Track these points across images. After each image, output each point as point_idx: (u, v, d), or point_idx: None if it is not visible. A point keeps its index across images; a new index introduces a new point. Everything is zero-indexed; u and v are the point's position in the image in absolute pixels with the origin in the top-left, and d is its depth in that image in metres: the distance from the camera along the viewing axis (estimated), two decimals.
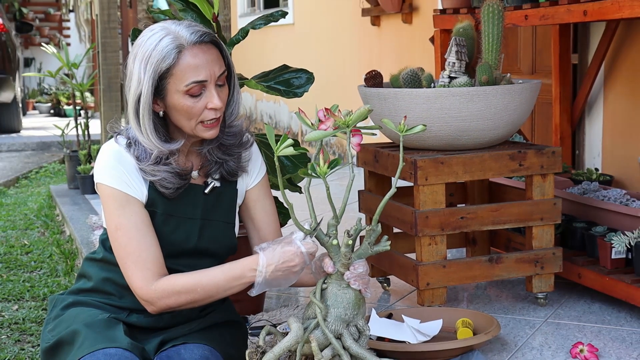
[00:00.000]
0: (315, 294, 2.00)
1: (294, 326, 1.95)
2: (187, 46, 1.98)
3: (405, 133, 1.99)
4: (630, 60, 3.76)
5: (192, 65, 1.97)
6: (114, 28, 5.68)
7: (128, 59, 2.03)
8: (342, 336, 1.99)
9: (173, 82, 1.98)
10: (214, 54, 2.02)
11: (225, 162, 2.14)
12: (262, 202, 2.24)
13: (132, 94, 2.00)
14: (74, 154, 5.91)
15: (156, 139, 2.02)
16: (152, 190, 2.06)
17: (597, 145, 4.03)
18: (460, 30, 3.01)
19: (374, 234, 2.00)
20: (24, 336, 3.27)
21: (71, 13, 15.93)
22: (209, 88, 2.01)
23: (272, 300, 3.19)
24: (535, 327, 2.80)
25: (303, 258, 2.00)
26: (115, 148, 2.05)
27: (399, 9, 5.95)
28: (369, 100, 2.94)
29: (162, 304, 2.01)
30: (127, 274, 2.02)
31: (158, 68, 1.97)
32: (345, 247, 1.97)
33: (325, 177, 1.94)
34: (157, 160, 2.03)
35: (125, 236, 2.01)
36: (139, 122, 2.01)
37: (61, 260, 4.41)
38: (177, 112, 2.02)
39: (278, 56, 8.03)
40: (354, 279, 2.00)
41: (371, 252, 2.00)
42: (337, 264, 2.00)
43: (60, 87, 13.64)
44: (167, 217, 2.09)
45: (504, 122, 2.82)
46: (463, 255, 3.54)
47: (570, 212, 3.31)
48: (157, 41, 1.98)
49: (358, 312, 2.02)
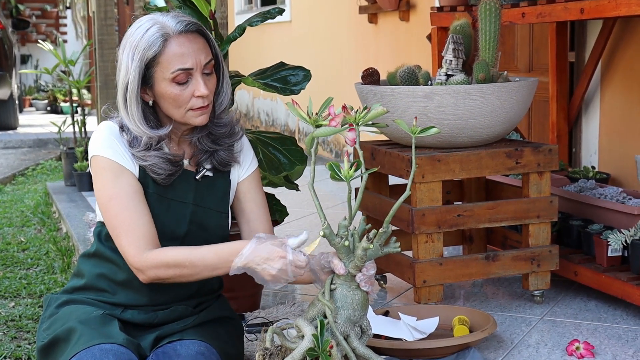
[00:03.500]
0: (324, 294, 1.98)
1: (306, 329, 1.92)
2: (172, 35, 2.02)
3: (418, 134, 1.95)
4: (627, 58, 3.76)
5: (177, 54, 2.02)
6: (110, 25, 5.67)
7: (118, 50, 2.08)
8: (350, 337, 1.98)
9: (160, 70, 2.03)
10: (200, 43, 2.06)
11: (216, 152, 2.17)
12: (253, 194, 2.25)
13: (121, 82, 2.05)
14: (70, 151, 5.90)
15: (144, 126, 2.06)
16: (142, 170, 2.09)
17: (593, 143, 4.03)
18: (457, 27, 3.01)
19: (385, 235, 1.98)
20: (20, 333, 3.26)
21: (68, 10, 15.90)
22: (195, 76, 2.04)
23: (269, 297, 3.19)
24: (532, 324, 2.80)
25: (285, 265, 1.94)
26: (111, 125, 2.10)
27: (396, 7, 5.95)
28: (366, 97, 2.94)
29: (152, 274, 2.01)
30: (120, 242, 2.03)
31: (144, 56, 2.01)
32: (362, 251, 1.93)
33: (349, 180, 1.91)
34: (147, 146, 2.06)
35: (118, 205, 2.03)
36: (127, 110, 2.06)
37: (58, 258, 4.41)
38: (165, 100, 2.06)
39: (275, 54, 8.02)
40: (365, 280, 1.99)
41: (381, 253, 1.98)
42: (348, 265, 1.97)
43: (57, 84, 13.62)
44: (159, 198, 2.11)
45: (500, 119, 2.83)
46: (460, 253, 3.55)
47: (566, 209, 3.31)
48: (144, 31, 2.03)
49: (364, 312, 2.02)
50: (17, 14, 14.25)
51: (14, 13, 14.21)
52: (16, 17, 13.89)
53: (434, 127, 1.95)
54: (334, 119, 1.89)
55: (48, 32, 15.56)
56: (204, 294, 2.22)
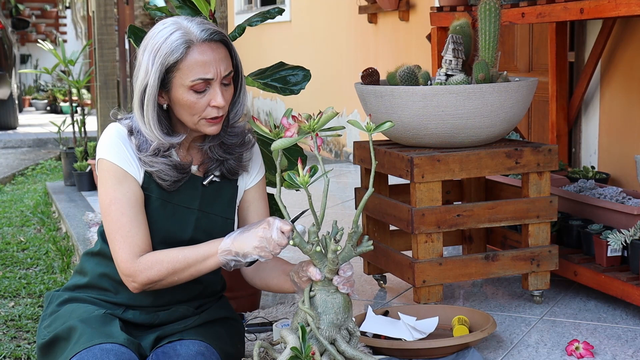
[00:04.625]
0: (304, 302, 2.00)
1: (289, 339, 1.94)
2: (196, 42, 2.00)
3: (373, 131, 1.98)
4: (627, 58, 3.77)
5: (199, 62, 2.00)
6: (110, 25, 5.66)
7: (139, 50, 2.06)
8: (336, 341, 1.99)
9: (179, 77, 2.01)
10: (222, 53, 2.04)
11: (226, 161, 2.16)
12: (257, 204, 2.25)
13: (139, 84, 2.03)
14: (70, 151, 5.90)
15: (158, 131, 2.04)
16: (148, 175, 2.08)
17: (593, 143, 4.03)
18: (457, 27, 3.01)
19: (356, 235, 1.99)
20: (20, 333, 3.26)
21: (68, 10, 15.89)
22: (214, 86, 2.03)
23: (269, 297, 3.19)
24: (531, 324, 2.80)
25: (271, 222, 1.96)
26: (119, 128, 2.09)
27: (395, 7, 5.95)
28: (366, 97, 2.94)
29: (144, 277, 2.00)
30: (115, 247, 2.03)
31: (166, 61, 1.99)
32: (333, 254, 1.95)
33: (307, 186, 1.93)
34: (155, 152, 2.05)
35: (118, 211, 2.02)
36: (142, 113, 2.04)
37: (57, 257, 4.41)
38: (181, 106, 2.04)
39: (275, 53, 8.03)
40: (342, 283, 2.00)
41: (355, 253, 1.99)
42: (323, 270, 1.99)
43: (56, 84, 13.62)
44: (164, 203, 2.10)
45: (500, 119, 2.83)
46: (459, 253, 3.55)
47: (566, 209, 3.31)
48: (167, 35, 2.00)
49: (348, 315, 2.02)
50: (16, 14, 14.24)
51: (13, 13, 14.20)
52: (16, 16, 13.88)
53: (389, 122, 1.98)
54: (289, 129, 1.94)
55: (48, 32, 15.56)
56: (206, 296, 2.22)
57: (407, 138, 2.89)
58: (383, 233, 3.19)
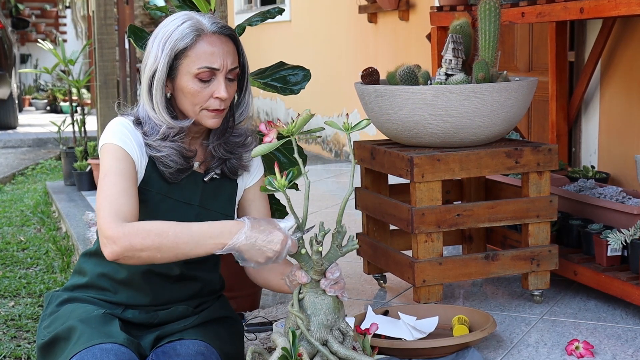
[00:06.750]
0: (292, 305, 2.00)
1: (279, 341, 1.95)
2: (206, 32, 2.05)
3: (350, 131, 2.00)
4: (627, 58, 3.77)
5: (207, 51, 2.04)
6: (110, 24, 5.66)
7: (149, 39, 2.10)
8: (328, 342, 1.99)
9: (186, 64, 2.04)
10: (230, 47, 2.08)
11: (228, 160, 2.18)
12: (257, 202, 2.27)
13: (148, 70, 2.06)
14: (70, 151, 5.90)
15: (167, 114, 2.07)
16: (150, 167, 2.08)
17: (593, 143, 4.03)
18: (457, 27, 3.01)
19: (340, 235, 1.99)
20: (20, 332, 3.27)
21: (68, 9, 15.89)
22: (219, 77, 2.06)
23: (268, 297, 3.19)
24: (531, 324, 2.80)
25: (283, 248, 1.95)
26: (124, 120, 2.10)
27: (395, 6, 5.95)
28: (366, 97, 2.94)
29: (126, 241, 1.88)
30: (100, 213, 1.95)
31: (175, 46, 2.03)
32: (316, 255, 1.95)
33: (285, 189, 1.95)
34: (164, 136, 2.07)
35: (110, 182, 2.00)
36: (151, 98, 2.06)
37: (57, 257, 4.41)
38: (184, 94, 2.06)
39: (275, 53, 8.02)
40: (330, 285, 1.99)
41: (340, 254, 1.99)
42: (309, 272, 2.00)
43: (56, 83, 13.62)
44: (164, 198, 2.10)
45: (500, 119, 2.83)
46: (459, 253, 3.55)
47: (566, 209, 3.31)
48: (179, 24, 2.05)
49: (339, 315, 2.03)
50: (16, 13, 14.24)
51: (13, 12, 14.20)
52: (16, 16, 13.88)
53: (365, 120, 2.00)
54: (267, 135, 1.97)
55: (48, 32, 15.56)
56: (205, 295, 2.22)
57: (407, 138, 2.89)
58: (383, 233, 3.19)
